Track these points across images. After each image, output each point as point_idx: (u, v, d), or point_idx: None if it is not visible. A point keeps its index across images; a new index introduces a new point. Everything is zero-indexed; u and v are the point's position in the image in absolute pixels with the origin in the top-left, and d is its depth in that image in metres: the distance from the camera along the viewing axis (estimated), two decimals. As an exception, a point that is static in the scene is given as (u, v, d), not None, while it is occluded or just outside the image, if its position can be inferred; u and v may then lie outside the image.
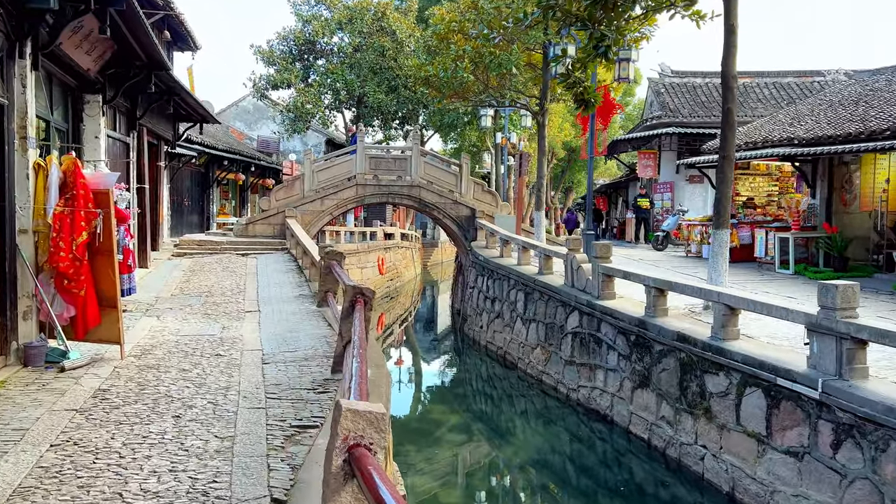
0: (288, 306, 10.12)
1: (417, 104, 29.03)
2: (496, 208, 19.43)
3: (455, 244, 21.04)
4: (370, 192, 19.07)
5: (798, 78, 24.51)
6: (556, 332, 11.50)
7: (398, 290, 30.66)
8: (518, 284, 13.58)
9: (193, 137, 23.51)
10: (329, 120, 29.64)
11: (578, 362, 10.57)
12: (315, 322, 8.96)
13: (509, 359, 13.72)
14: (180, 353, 7.05)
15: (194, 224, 26.21)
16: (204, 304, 10.26)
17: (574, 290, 11.04)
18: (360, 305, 6.03)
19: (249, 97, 41.27)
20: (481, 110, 22.99)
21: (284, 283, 12.28)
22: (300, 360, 6.89)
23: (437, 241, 49.51)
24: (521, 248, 14.13)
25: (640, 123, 24.68)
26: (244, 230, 18.41)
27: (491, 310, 15.24)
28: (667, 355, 8.20)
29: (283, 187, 18.82)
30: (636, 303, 9.84)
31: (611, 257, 10.31)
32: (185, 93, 13.44)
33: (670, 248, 18.68)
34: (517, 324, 13.43)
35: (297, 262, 14.77)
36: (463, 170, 19.21)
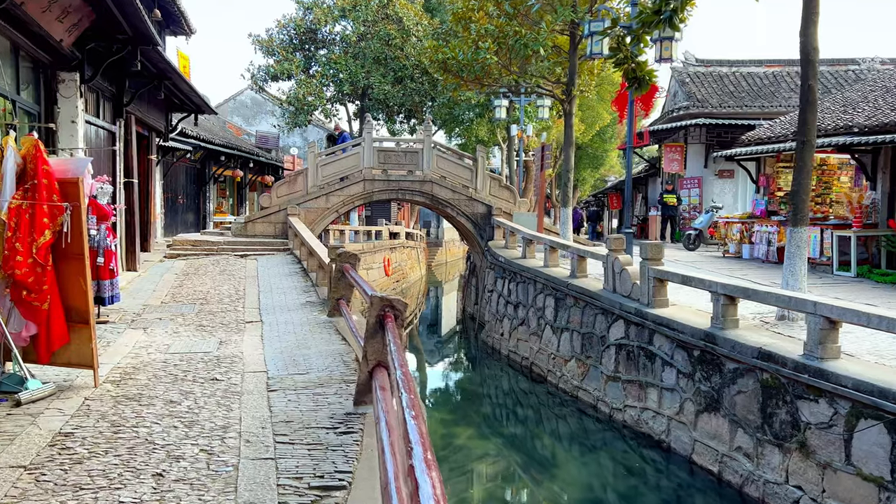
0: (294, 316, 8.97)
1: (425, 96, 27.86)
2: (514, 205, 18.27)
3: (469, 244, 19.89)
4: (378, 187, 17.92)
5: (831, 66, 23.32)
6: (596, 344, 10.34)
7: (404, 293, 29.51)
8: (547, 289, 12.43)
9: (188, 131, 22.47)
10: (332, 113, 28.45)
11: (625, 379, 9.41)
12: (327, 335, 7.81)
13: (537, 371, 12.56)
14: (168, 378, 5.89)
15: (190, 223, 25.11)
16: (198, 313, 9.11)
17: (616, 297, 9.89)
18: (391, 322, 4.89)
19: (248, 91, 40.27)
20: (495, 101, 21.86)
21: (288, 289, 11.13)
22: (313, 386, 5.74)
23: (441, 241, 48.44)
24: (549, 249, 12.97)
25: (664, 115, 23.53)
26: (243, 229, 17.26)
27: (514, 316, 14.08)
28: (743, 375, 7.04)
29: (285, 183, 17.67)
30: (696, 312, 8.69)
31: (663, 259, 9.15)
32: (178, 77, 12.30)
33: (703, 248, 17.51)
34: (546, 332, 12.28)
35: (301, 265, 13.62)
36: (479, 164, 18.05)
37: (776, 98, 21.34)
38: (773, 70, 23.21)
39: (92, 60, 8.89)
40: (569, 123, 14.29)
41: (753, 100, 21.09)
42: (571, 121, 14.26)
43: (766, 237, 13.94)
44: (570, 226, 14.77)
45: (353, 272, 7.89)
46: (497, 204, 17.98)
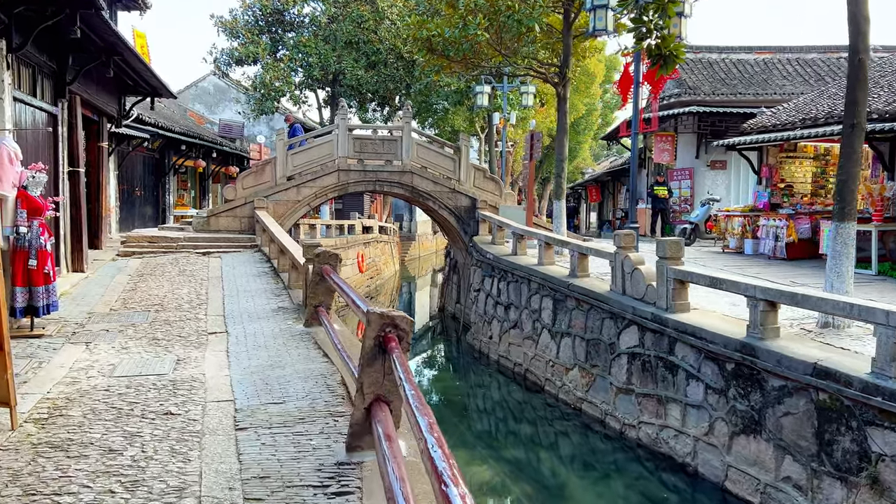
0: (265, 325, 7.87)
1: (400, 83, 26.73)
2: (500, 198, 17.31)
3: (450, 239, 18.89)
4: (354, 178, 16.79)
5: (823, 54, 22.82)
6: (604, 352, 9.43)
7: (378, 290, 28.45)
8: (543, 289, 11.48)
9: (145, 117, 21.05)
10: (301, 100, 27.13)
11: (639, 392, 8.51)
12: (305, 350, 6.74)
13: (532, 379, 11.63)
14: (110, 413, 4.79)
15: (148, 217, 23.69)
16: (153, 322, 7.95)
17: (627, 300, 8.98)
18: (395, 346, 3.90)
19: (210, 77, 38.59)
20: (476, 87, 20.84)
21: (258, 292, 10.00)
22: (293, 421, 4.69)
23: (413, 235, 47.36)
24: (544, 245, 12.02)
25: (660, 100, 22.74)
26: (205, 224, 16.00)
27: (504, 318, 13.13)
28: (793, 394, 6.16)
29: (252, 173, 16.44)
30: (723, 318, 7.82)
31: (683, 258, 8.26)
32: (130, 52, 11.03)
33: (699, 243, 16.76)
34: (543, 337, 11.34)
35: (270, 263, 12.48)
36: (462, 153, 17.03)
37: (769, 85, 20.71)
38: (764, 57, 22.60)
39: (22, 27, 7.65)
40: (562, 109, 13.34)
41: (747, 87, 20.43)
42: (566, 106, 13.32)
43: (773, 232, 13.20)
44: (563, 220, 13.85)
45: (335, 276, 6.82)
46: (482, 196, 16.99)
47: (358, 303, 4.90)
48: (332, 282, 6.70)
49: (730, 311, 8.34)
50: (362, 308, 4.59)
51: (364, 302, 4.86)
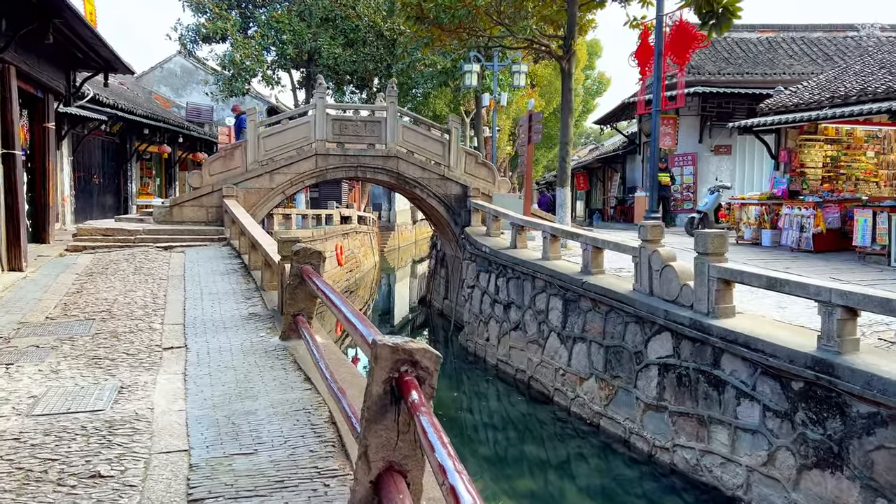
0: (233, 337, 6.62)
1: (380, 62, 25.35)
2: (493, 185, 16.11)
3: (439, 230, 17.67)
4: (333, 164, 15.48)
5: (828, 33, 21.92)
6: (627, 361, 8.31)
7: (358, 283, 27.20)
8: (551, 287, 10.34)
9: (103, 98, 19.51)
10: (274, 80, 25.63)
11: (674, 410, 7.41)
12: (281, 372, 5.51)
13: (538, 388, 10.51)
14: (14, 480, 3.52)
15: (108, 207, 22.13)
16: (96, 335, 6.65)
17: (656, 301, 7.87)
18: (417, 393, 2.73)
19: (177, 57, 36.69)
20: (465, 66, 19.60)
21: (226, 294, 8.71)
22: (268, 488, 3.49)
23: (393, 224, 46.04)
24: (550, 238, 10.87)
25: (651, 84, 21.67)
26: (168, 214, 14.59)
27: (504, 318, 11.97)
28: (888, 424, 5.07)
29: (220, 158, 15.04)
30: (779, 325, 6.73)
31: (726, 253, 7.14)
32: (74, 16, 9.61)
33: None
34: (551, 341, 10.21)
35: (241, 259, 11.18)
36: (452, 136, 15.79)
37: (777, 65, 19.74)
38: (768, 36, 21.64)
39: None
40: (567, 85, 12.16)
41: (753, 67, 19.43)
42: (570, 82, 12.13)
43: (797, 221, 12.18)
44: (568, 210, 12.70)
45: (319, 280, 5.59)
46: (474, 184, 15.77)
47: (358, 326, 3.67)
48: (316, 287, 5.46)
49: (778, 315, 7.27)
50: (365, 335, 3.39)
51: (366, 324, 3.65)
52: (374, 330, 3.50)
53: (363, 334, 3.46)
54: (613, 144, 34.43)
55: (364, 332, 3.48)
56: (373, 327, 3.58)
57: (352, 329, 3.81)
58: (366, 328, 3.56)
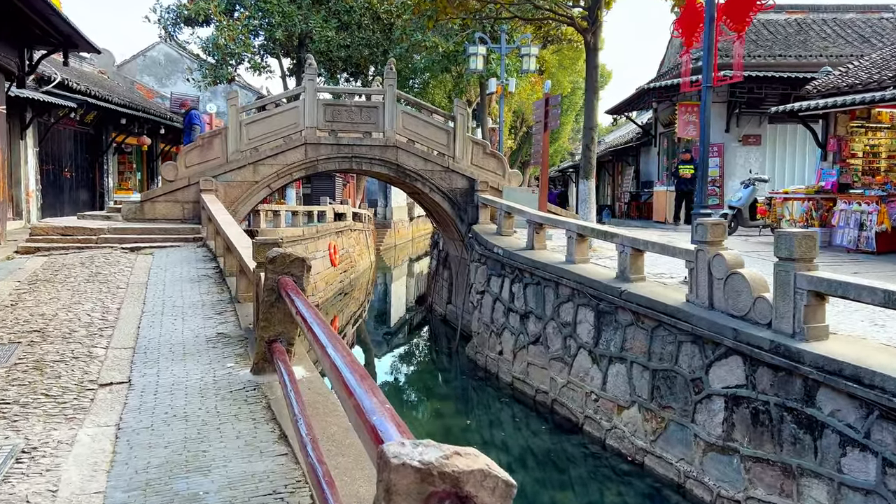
0: (192, 369, 5.22)
1: (376, 48, 23.89)
2: (503, 178, 14.71)
3: (442, 228, 16.27)
4: (325, 154, 14.05)
5: (861, 14, 20.58)
6: (682, 389, 6.93)
7: (352, 285, 25.82)
8: (579, 296, 8.95)
9: (72, 83, 18.10)
10: (261, 66, 24.16)
11: (747, 454, 6.03)
12: (249, 425, 4.13)
13: (564, 414, 9.13)
14: None
15: (82, 202, 20.75)
16: (13, 367, 5.24)
17: (720, 317, 6.49)
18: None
19: (160, 45, 35.34)
20: (470, 48, 18.19)
21: (193, 307, 7.30)
22: None
23: (389, 221, 44.69)
24: (576, 238, 9.47)
25: (671, 69, 20.31)
26: (138, 211, 13.16)
27: (520, 330, 10.59)
28: None
29: (197, 147, 13.59)
30: (889, 350, 5.34)
31: (815, 259, 5.76)
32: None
33: (741, 231, 14.34)
34: (580, 360, 8.82)
35: (216, 263, 9.77)
36: (458, 124, 14.38)
37: (810, 47, 18.40)
38: (797, 17, 20.28)
39: None
40: (593, 63, 10.79)
41: (786, 49, 18.06)
42: (596, 59, 10.77)
43: (855, 218, 10.83)
44: (593, 205, 11.33)
45: (299, 298, 4.17)
46: (482, 177, 14.37)
47: (357, 391, 2.21)
48: (295, 309, 4.05)
49: (881, 336, 5.90)
50: (370, 418, 1.97)
51: (371, 391, 2.19)
52: (383, 403, 2.07)
53: (366, 412, 2.04)
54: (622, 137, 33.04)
55: (367, 407, 2.05)
56: (380, 396, 2.14)
57: (344, 393, 2.37)
58: (370, 399, 2.13)
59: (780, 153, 17.79)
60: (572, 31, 21.93)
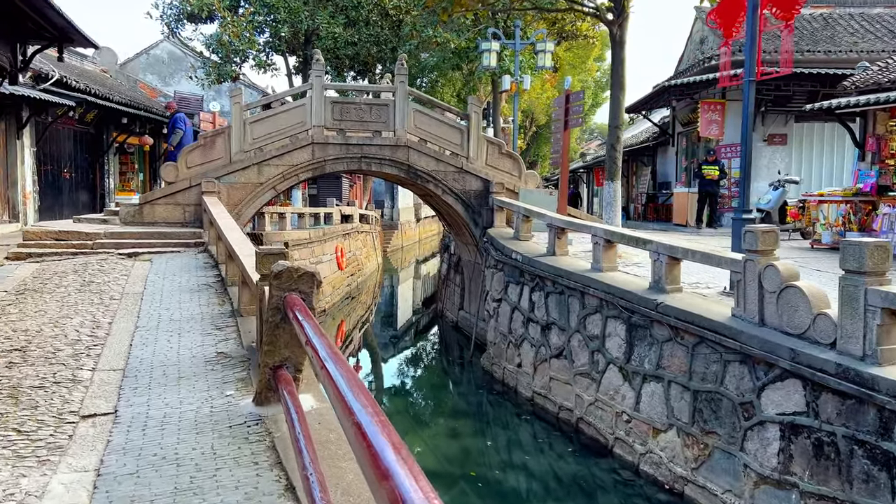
0: (188, 397, 4.65)
1: (384, 45, 23.32)
2: (519, 179, 14.11)
3: (454, 231, 15.68)
4: (333, 154, 13.48)
5: (889, 8, 19.90)
6: (729, 413, 6.32)
7: (359, 288, 25.27)
8: (608, 307, 8.35)
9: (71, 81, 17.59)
10: (267, 64, 23.61)
11: (809, 490, 5.42)
12: (250, 472, 3.56)
13: (591, 434, 8.52)
14: None
15: (82, 204, 20.26)
16: (-13, 392, 4.67)
17: (773, 334, 5.89)
18: None
19: (164, 43, 34.88)
20: (483, 44, 17.61)
21: (191, 321, 6.73)
22: None
23: (396, 223, 44.14)
24: (604, 244, 8.87)
25: (692, 67, 19.67)
26: (137, 214, 12.61)
27: (541, 342, 9.99)
28: None
29: (199, 147, 13.03)
30: None
31: (889, 272, 5.15)
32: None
33: (769, 236, 13.65)
34: (609, 376, 8.22)
35: (218, 270, 9.21)
36: (472, 122, 13.79)
37: (838, 43, 17.74)
38: (822, 12, 19.62)
39: None
40: (619, 57, 10.20)
41: (814, 45, 17.40)
42: (623, 53, 10.19)
43: (899, 223, 10.19)
44: (619, 208, 10.73)
45: (308, 321, 3.58)
46: (497, 178, 13.77)
47: (384, 455, 1.62)
48: (304, 334, 3.47)
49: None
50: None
51: (400, 456, 1.59)
52: (416, 476, 1.44)
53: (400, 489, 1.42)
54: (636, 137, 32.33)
55: (400, 481, 1.44)
56: (415, 470, 1.51)
57: (365, 453, 1.76)
58: (402, 471, 1.51)
59: (807, 153, 17.15)
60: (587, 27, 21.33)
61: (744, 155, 7.70)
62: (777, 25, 8.32)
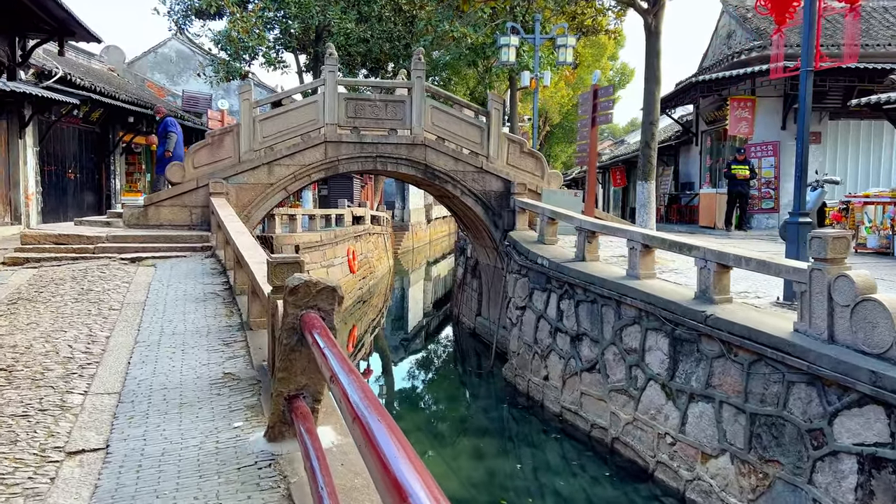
0: (189, 429, 4.09)
1: (398, 41, 22.77)
2: (542, 180, 13.50)
3: (472, 234, 15.08)
4: (347, 153, 12.92)
5: (924, 0, 19.15)
6: (794, 441, 5.69)
7: (371, 291, 24.73)
8: (648, 318, 7.73)
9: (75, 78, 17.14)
10: (276, 61, 23.10)
11: (896, 533, 4.78)
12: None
13: (628, 456, 7.91)
14: None
15: (87, 205, 19.84)
16: (-39, 424, 4.12)
17: (844, 352, 5.27)
18: None
19: (172, 41, 34.49)
20: (501, 39, 17.01)
21: (196, 335, 6.17)
22: None
23: (407, 224, 43.62)
24: (642, 249, 8.25)
25: (719, 62, 18.99)
26: (142, 217, 12.09)
27: (571, 354, 9.37)
28: None
29: (206, 146, 12.49)
30: None
31: None
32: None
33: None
34: (651, 394, 7.60)
35: (226, 277, 8.66)
36: (492, 120, 13.19)
37: (875, 36, 17.08)
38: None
39: None
40: (654, 48, 9.57)
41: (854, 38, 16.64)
42: (659, 43, 9.56)
43: (958, 226, 9.52)
44: (653, 210, 10.11)
45: (330, 347, 3.01)
46: (519, 178, 13.16)
47: None
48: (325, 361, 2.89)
49: None
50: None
51: None
52: None
53: None
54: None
55: None
56: None
57: None
58: None
59: (842, 152, 16.45)
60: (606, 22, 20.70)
61: (799, 152, 7.07)
62: (839, 10, 7.66)
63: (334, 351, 2.90)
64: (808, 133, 7.07)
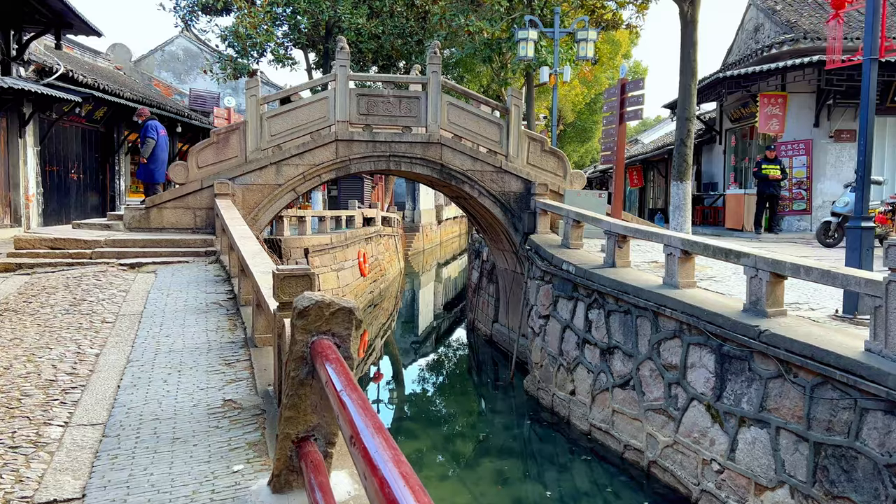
0: (180, 473, 3.50)
1: (410, 37, 22.20)
2: (564, 180, 12.87)
3: (489, 237, 14.47)
4: (359, 152, 12.34)
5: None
6: (869, 475, 5.06)
7: (382, 295, 24.16)
8: (690, 331, 7.10)
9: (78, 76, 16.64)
10: (286, 57, 22.58)
11: None
12: None
13: (667, 482, 7.28)
14: None
15: (91, 207, 19.35)
16: (-84, 466, 3.55)
17: (933, 378, 4.61)
18: None
19: (179, 39, 34.04)
20: (519, 33, 16.40)
21: (194, 353, 5.59)
22: None
23: (417, 225, 43.05)
24: (680, 254, 7.62)
25: (747, 57, 18.27)
26: (143, 219, 11.55)
27: (601, 368, 8.75)
28: None
29: (211, 145, 11.94)
30: None
31: None
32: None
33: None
34: (693, 415, 6.97)
35: (230, 284, 8.09)
36: (512, 117, 12.57)
37: (907, 28, 16.29)
38: (887, -4, 18.12)
39: None
40: (691, 38, 8.94)
41: (887, 31, 15.94)
42: (695, 34, 8.92)
43: None
44: (688, 213, 9.46)
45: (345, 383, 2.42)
46: (539, 178, 12.54)
47: None
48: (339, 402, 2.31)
49: None
50: None
51: None
52: None
53: None
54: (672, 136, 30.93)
55: None
56: None
57: None
58: None
59: (879, 151, 15.72)
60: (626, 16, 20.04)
61: (862, 149, 6.45)
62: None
63: (354, 396, 2.32)
64: (872, 128, 6.44)
